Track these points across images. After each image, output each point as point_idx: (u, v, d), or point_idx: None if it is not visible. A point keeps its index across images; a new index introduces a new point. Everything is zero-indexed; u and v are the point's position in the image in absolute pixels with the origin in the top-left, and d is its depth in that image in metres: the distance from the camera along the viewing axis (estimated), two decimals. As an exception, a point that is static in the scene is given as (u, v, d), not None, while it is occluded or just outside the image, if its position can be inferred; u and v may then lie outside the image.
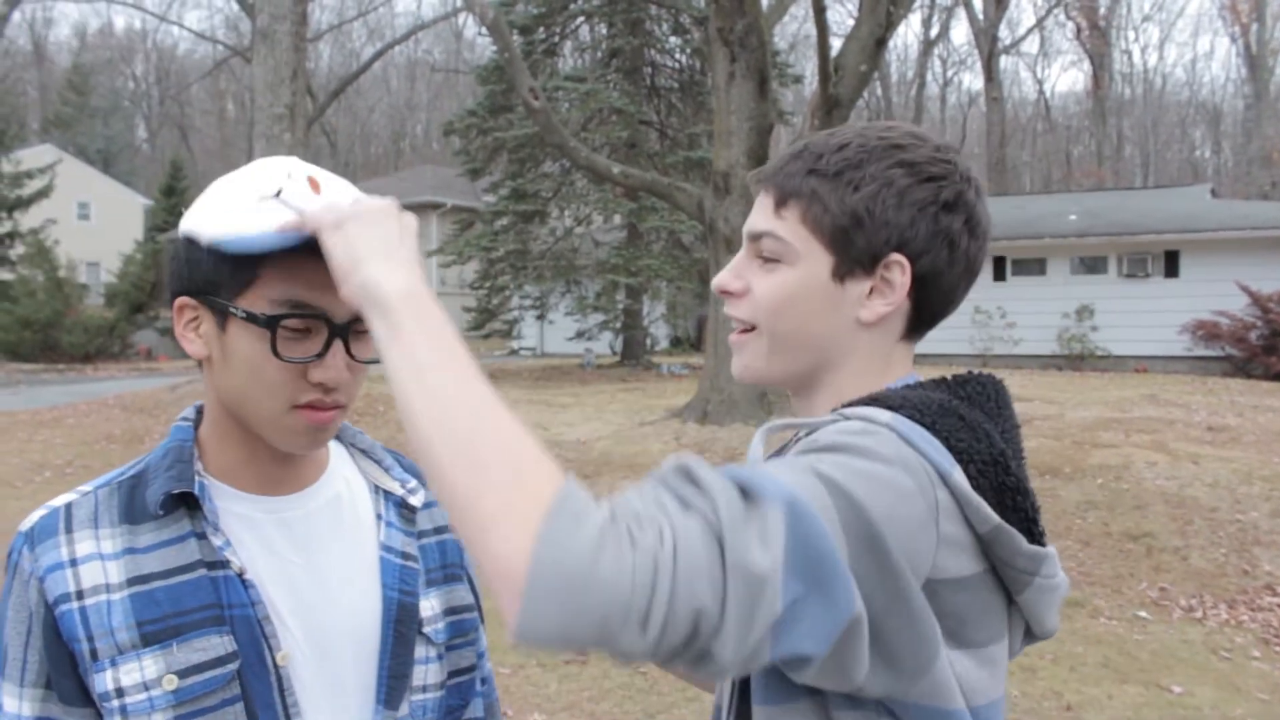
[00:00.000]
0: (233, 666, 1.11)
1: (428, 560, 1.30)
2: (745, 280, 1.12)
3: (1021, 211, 24.16)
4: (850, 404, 1.03)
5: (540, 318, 24.27)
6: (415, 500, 1.31)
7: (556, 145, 13.81)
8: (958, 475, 0.94)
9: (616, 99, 21.38)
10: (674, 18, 22.86)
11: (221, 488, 1.20)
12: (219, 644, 1.11)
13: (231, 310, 1.10)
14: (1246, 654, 5.82)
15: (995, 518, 0.94)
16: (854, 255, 1.06)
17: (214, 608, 1.12)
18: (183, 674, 1.09)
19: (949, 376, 1.10)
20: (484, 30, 17.93)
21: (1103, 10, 50.42)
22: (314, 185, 1.12)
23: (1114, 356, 20.24)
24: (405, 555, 1.27)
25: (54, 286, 27.75)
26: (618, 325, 22.69)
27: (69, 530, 1.15)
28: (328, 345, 1.11)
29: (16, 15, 50.11)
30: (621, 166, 14.59)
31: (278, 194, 1.10)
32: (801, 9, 36.94)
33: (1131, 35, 63.83)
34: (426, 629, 1.26)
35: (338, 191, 1.15)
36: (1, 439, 13.14)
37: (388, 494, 1.31)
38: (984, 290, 21.29)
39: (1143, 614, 6.45)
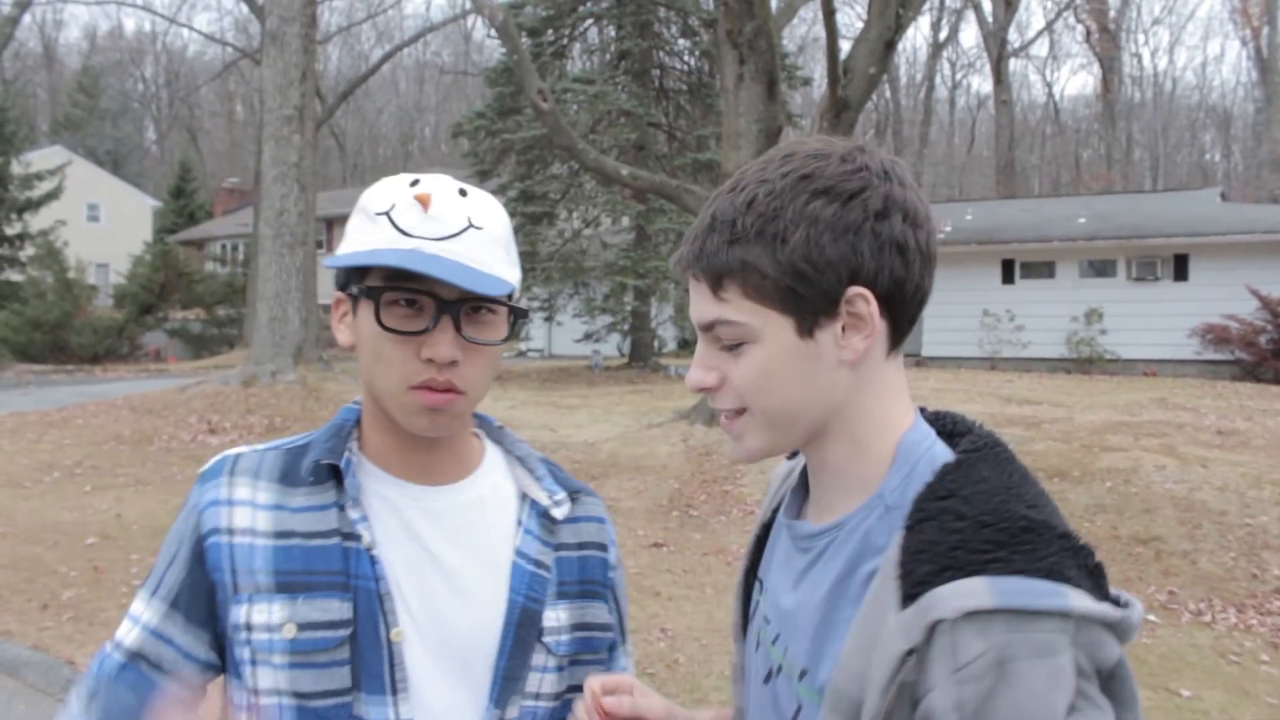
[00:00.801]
0: (344, 633, 1.19)
1: (563, 573, 1.33)
2: (719, 370, 1.06)
3: (1030, 214, 24.13)
4: (922, 571, 0.93)
5: (548, 319, 24.28)
6: (558, 513, 1.35)
7: (565, 147, 13.83)
8: (1073, 602, 0.90)
9: (625, 101, 21.40)
10: (683, 20, 22.87)
11: (373, 469, 1.28)
12: (338, 609, 1.19)
13: (354, 291, 1.21)
14: (1255, 658, 5.80)
15: (1113, 613, 0.91)
16: (811, 307, 1.00)
17: (341, 574, 1.20)
18: (302, 626, 1.18)
19: (965, 458, 1.02)
20: (493, 32, 18.03)
21: (1112, 13, 50.35)
22: (424, 203, 1.19)
23: (1123, 360, 20.19)
24: (538, 564, 1.31)
25: (63, 288, 27.87)
26: (625, 327, 22.70)
27: (231, 475, 1.26)
28: (435, 321, 1.17)
29: (27, 18, 50.28)
30: (630, 168, 14.60)
31: (389, 210, 1.20)
32: (811, 11, 36.96)
33: (1141, 38, 63.72)
34: (547, 638, 1.29)
35: (463, 208, 1.21)
36: (11, 439, 13.18)
37: (534, 502, 1.35)
38: (992, 293, 21.27)
39: (1151, 618, 6.44)
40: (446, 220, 1.19)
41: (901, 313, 1.03)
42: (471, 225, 1.20)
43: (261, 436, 13.10)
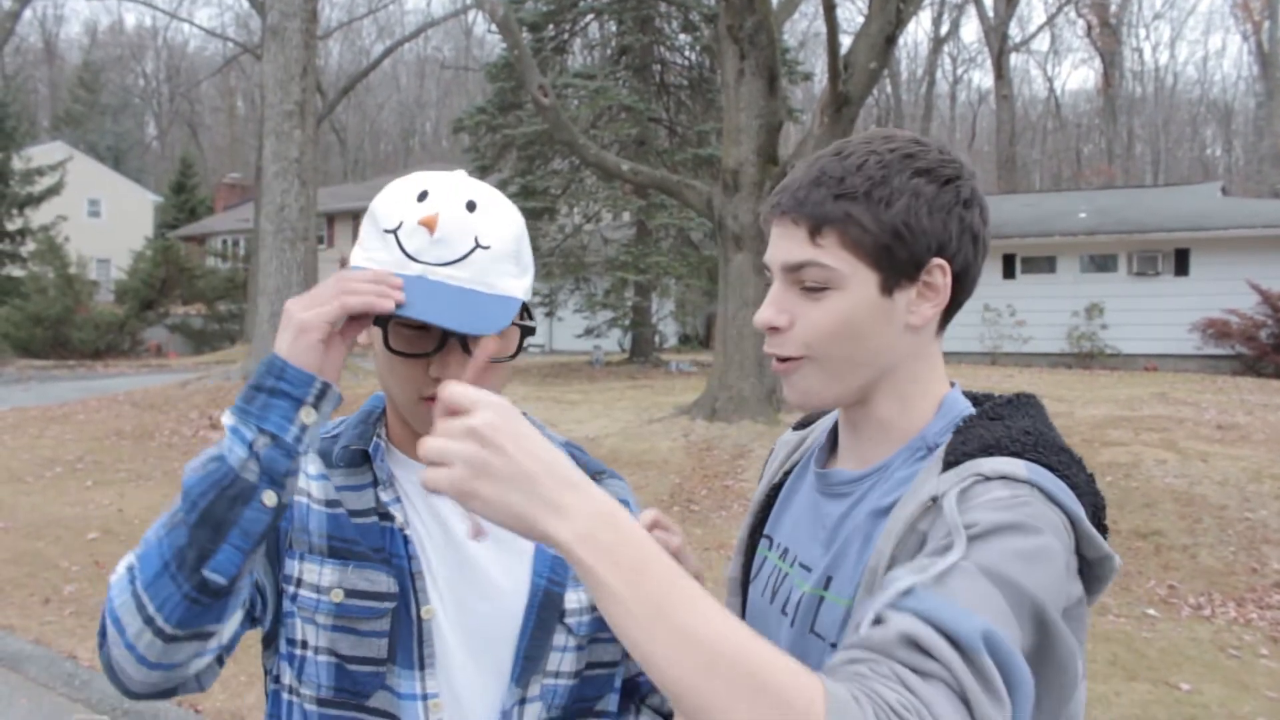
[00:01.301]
0: (389, 605, 1.24)
1: None
2: (790, 313, 1.14)
3: (1031, 209, 24.11)
4: (966, 449, 1.05)
5: (549, 315, 24.28)
6: None
7: (566, 142, 13.83)
8: (1083, 515, 1.01)
9: (626, 96, 21.38)
10: (683, 15, 22.84)
11: (398, 455, 1.34)
12: (385, 582, 1.25)
13: None
14: (1255, 652, 5.81)
15: (1106, 547, 1.02)
16: (898, 268, 1.11)
17: (383, 551, 1.26)
18: (349, 593, 1.24)
19: (1013, 399, 1.16)
20: (493, 27, 18.02)
21: (1113, 8, 50.26)
22: (430, 226, 1.18)
23: (1123, 355, 20.20)
24: None
25: (64, 283, 27.87)
26: (626, 322, 22.69)
27: None
28: (442, 343, 1.20)
29: (27, 12, 50.20)
30: (630, 164, 14.59)
31: (397, 229, 1.20)
32: (811, 6, 36.94)
33: (1142, 33, 63.53)
34: (569, 619, 1.33)
35: (470, 227, 1.19)
36: (13, 434, 13.20)
37: None
38: (993, 288, 21.25)
39: (1151, 612, 6.45)
40: (453, 244, 1.19)
41: (961, 294, 1.16)
42: (478, 246, 1.20)
43: (263, 432, 13.10)
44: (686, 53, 23.72)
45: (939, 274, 1.12)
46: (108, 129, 57.53)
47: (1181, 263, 20.35)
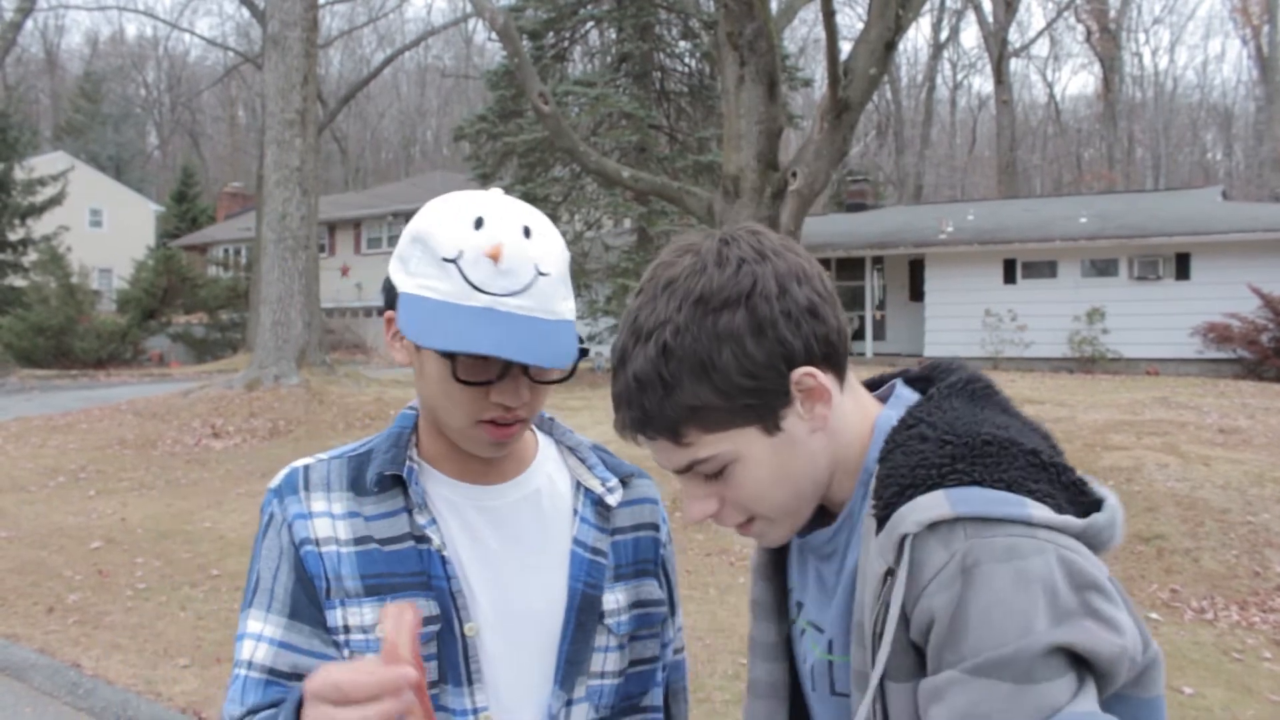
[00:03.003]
0: (434, 628, 1.25)
1: (619, 556, 1.39)
2: (715, 496, 1.12)
3: (1032, 214, 24.12)
4: (888, 495, 1.00)
5: (550, 322, 24.29)
6: (612, 500, 1.40)
7: (566, 150, 13.85)
8: (1029, 506, 0.95)
9: (626, 103, 21.41)
10: (683, 22, 22.89)
11: (432, 472, 1.34)
12: (425, 606, 1.25)
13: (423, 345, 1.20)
14: (1258, 655, 5.81)
15: (1078, 522, 0.96)
16: (768, 407, 1.05)
17: (422, 575, 1.27)
18: None
19: (943, 385, 1.11)
20: (494, 35, 18.02)
21: (1113, 13, 50.33)
22: (495, 257, 1.18)
23: (1125, 359, 20.19)
24: (595, 550, 1.36)
25: (66, 293, 27.90)
26: (628, 329, 22.70)
27: (306, 489, 1.32)
28: (506, 368, 1.21)
29: (29, 23, 50.35)
30: (631, 170, 14.61)
31: (458, 259, 1.19)
32: (811, 13, 37.00)
33: (1142, 38, 63.60)
34: (608, 620, 1.35)
35: (530, 255, 1.20)
36: (16, 444, 13.21)
37: (588, 491, 1.40)
38: (994, 293, 21.26)
39: (1154, 615, 6.45)
40: (517, 274, 1.19)
41: (839, 358, 1.09)
42: (539, 273, 1.21)
43: (265, 440, 13.12)
44: (686, 59, 23.77)
45: (808, 380, 1.05)
46: (109, 139, 57.64)
47: (1182, 267, 20.35)
